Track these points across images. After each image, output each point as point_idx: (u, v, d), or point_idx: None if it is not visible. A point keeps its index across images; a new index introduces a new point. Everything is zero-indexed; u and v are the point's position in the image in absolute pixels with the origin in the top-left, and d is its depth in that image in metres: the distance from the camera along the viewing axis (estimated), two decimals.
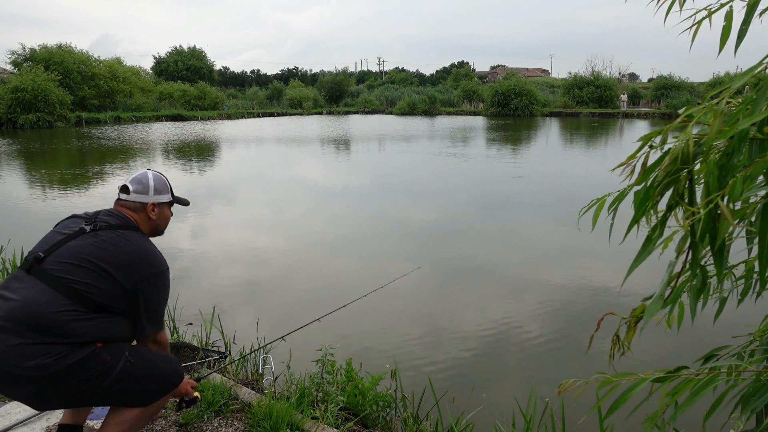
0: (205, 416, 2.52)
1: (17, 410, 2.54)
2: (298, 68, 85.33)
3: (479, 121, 32.98)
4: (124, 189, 2.04)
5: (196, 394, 2.25)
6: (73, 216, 1.96)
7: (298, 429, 2.38)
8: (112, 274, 1.78)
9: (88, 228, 1.85)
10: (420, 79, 74.98)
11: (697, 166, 0.83)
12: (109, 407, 1.96)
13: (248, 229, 7.75)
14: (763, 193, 0.88)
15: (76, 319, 1.71)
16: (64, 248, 1.79)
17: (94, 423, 2.47)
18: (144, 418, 1.95)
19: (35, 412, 2.50)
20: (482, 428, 2.78)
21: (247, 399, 2.65)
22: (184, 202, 2.32)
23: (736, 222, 0.97)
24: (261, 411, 2.43)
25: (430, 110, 41.61)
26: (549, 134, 24.30)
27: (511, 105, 37.02)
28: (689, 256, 0.88)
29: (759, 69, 0.86)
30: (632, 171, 0.93)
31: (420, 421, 2.76)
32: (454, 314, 4.71)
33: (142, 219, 2.04)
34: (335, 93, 50.04)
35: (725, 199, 0.79)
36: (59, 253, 1.78)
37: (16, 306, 1.67)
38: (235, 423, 2.50)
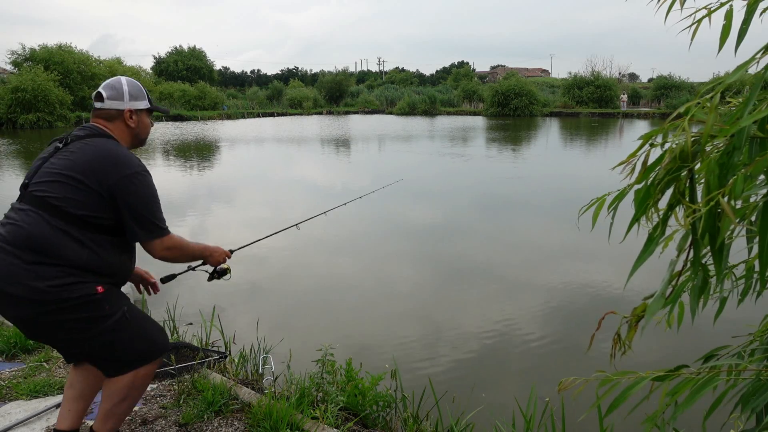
0: (205, 416, 2.52)
1: (17, 410, 2.54)
2: (298, 68, 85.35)
3: (479, 121, 32.97)
4: (97, 96, 1.96)
5: (226, 266, 2.27)
6: (53, 140, 1.97)
7: (298, 429, 2.38)
8: (84, 182, 1.78)
9: (61, 145, 1.88)
10: (420, 79, 74.96)
11: (697, 166, 0.83)
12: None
13: (248, 228, 7.74)
14: (763, 192, 0.88)
15: (64, 236, 1.75)
16: (42, 170, 1.84)
17: (94, 423, 2.46)
18: (134, 390, 1.97)
19: (35, 411, 2.49)
20: (482, 428, 2.78)
21: (247, 399, 2.65)
22: (164, 111, 2.21)
23: (737, 221, 0.97)
24: (261, 411, 2.43)
25: (430, 110, 41.60)
26: (549, 134, 24.31)
27: (511, 105, 37.02)
28: (690, 255, 0.88)
29: (752, 64, 0.85)
30: (632, 169, 0.93)
31: (420, 421, 2.75)
32: (454, 314, 4.71)
33: (119, 128, 1.97)
34: (335, 93, 50.03)
35: (726, 197, 0.78)
36: (38, 175, 1.83)
37: (13, 229, 1.76)
38: (235, 423, 2.49)
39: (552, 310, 4.78)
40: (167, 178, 12.28)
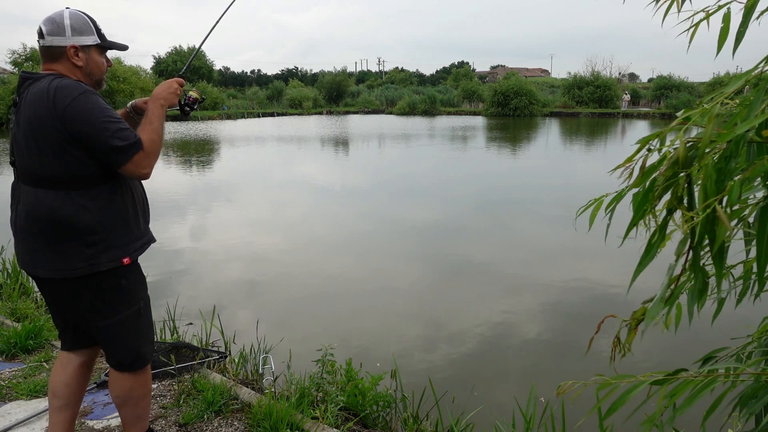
0: (205, 416, 2.52)
1: (17, 410, 2.55)
2: (297, 68, 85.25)
3: (479, 121, 32.96)
4: (38, 33, 1.72)
5: (191, 94, 2.09)
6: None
7: (298, 429, 2.39)
8: (44, 139, 1.63)
9: (16, 107, 1.74)
10: (420, 79, 74.87)
11: (695, 171, 0.84)
12: (108, 413, 1.97)
13: (248, 228, 7.75)
14: (761, 194, 0.88)
15: (67, 204, 1.66)
16: (15, 144, 1.73)
17: (94, 423, 2.47)
18: (140, 387, 1.97)
19: (35, 411, 2.50)
20: (482, 428, 2.78)
21: (247, 399, 2.65)
22: (121, 47, 1.90)
23: (733, 224, 0.97)
24: (261, 411, 2.44)
25: (430, 110, 41.55)
26: (549, 134, 24.30)
27: (511, 105, 36.98)
28: (688, 259, 0.89)
29: (754, 73, 0.86)
30: (631, 173, 0.94)
31: (420, 421, 2.76)
32: (454, 314, 4.72)
33: (66, 68, 1.73)
34: (335, 93, 50.00)
35: (723, 202, 0.79)
36: (16, 151, 1.73)
37: (23, 212, 1.71)
38: (235, 423, 2.50)
39: (552, 309, 4.78)
40: (168, 177, 12.28)
